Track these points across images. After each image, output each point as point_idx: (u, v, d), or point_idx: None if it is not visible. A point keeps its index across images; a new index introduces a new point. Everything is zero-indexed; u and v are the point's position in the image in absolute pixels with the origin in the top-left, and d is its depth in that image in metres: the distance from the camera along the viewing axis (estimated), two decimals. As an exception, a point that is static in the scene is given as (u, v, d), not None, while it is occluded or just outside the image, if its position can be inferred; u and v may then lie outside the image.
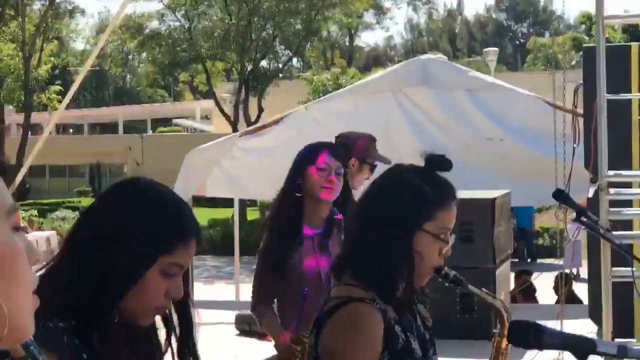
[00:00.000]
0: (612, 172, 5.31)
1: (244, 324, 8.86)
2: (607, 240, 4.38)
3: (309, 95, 32.89)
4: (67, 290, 1.91)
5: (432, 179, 2.50)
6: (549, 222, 22.72)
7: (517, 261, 19.87)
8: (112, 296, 1.94)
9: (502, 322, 2.66)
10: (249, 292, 4.36)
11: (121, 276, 1.94)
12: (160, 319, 2.11)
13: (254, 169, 10.31)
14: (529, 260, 22.80)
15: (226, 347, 8.29)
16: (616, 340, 5.26)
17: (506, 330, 2.59)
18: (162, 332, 2.13)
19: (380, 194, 2.55)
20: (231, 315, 9.17)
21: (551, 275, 12.02)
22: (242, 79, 30.75)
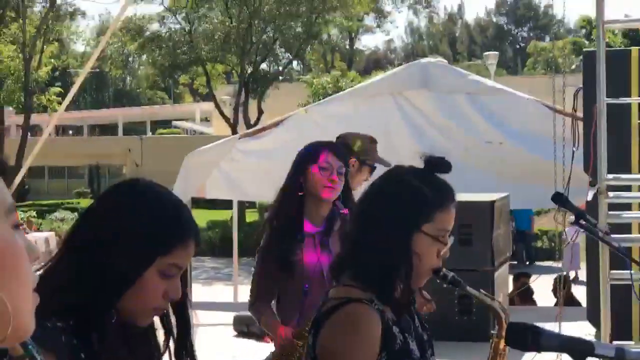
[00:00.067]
0: (611, 176, 5.32)
1: (242, 325, 8.87)
2: (606, 243, 4.38)
3: (309, 98, 32.87)
4: (66, 290, 1.91)
5: (431, 180, 2.50)
6: (547, 225, 22.70)
7: (516, 264, 19.87)
8: (111, 296, 1.94)
9: (500, 323, 2.66)
10: (248, 293, 4.35)
11: (119, 277, 1.94)
12: (159, 320, 2.11)
13: (253, 171, 10.31)
14: (528, 262, 22.81)
15: (224, 348, 8.29)
16: (614, 342, 5.27)
17: (504, 331, 2.59)
18: (161, 333, 2.13)
19: (379, 195, 2.55)
20: (229, 316, 9.17)
21: (549, 277, 12.02)
22: (242, 82, 30.76)
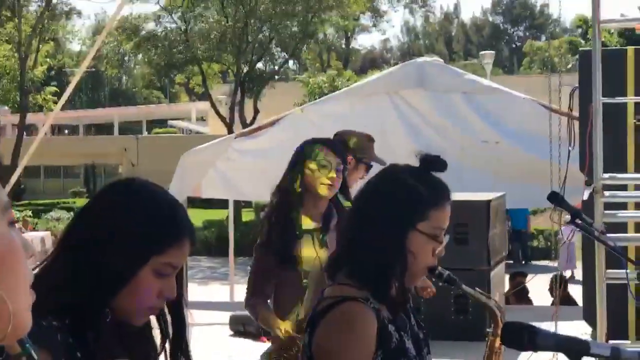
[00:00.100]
0: (607, 175, 5.32)
1: (238, 325, 8.86)
2: (602, 242, 4.39)
3: (305, 97, 32.83)
4: (61, 289, 1.90)
5: (426, 179, 2.50)
6: (543, 224, 22.74)
7: (512, 263, 19.89)
8: (105, 295, 1.94)
9: (496, 321, 2.66)
10: (244, 293, 4.34)
11: (114, 275, 1.93)
12: (155, 319, 2.11)
13: (249, 171, 10.31)
14: (524, 262, 22.82)
15: (220, 348, 8.29)
16: (610, 341, 5.28)
17: (500, 329, 2.59)
18: (158, 332, 2.13)
19: (374, 193, 2.55)
20: (225, 316, 9.17)
21: (546, 277, 12.03)
22: (238, 81, 30.72)
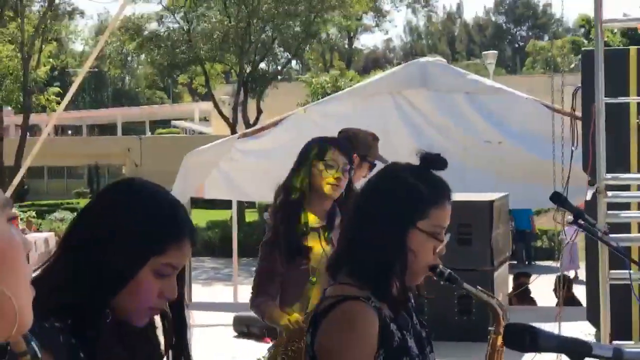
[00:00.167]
0: (610, 175, 5.32)
1: (242, 326, 8.86)
2: (605, 243, 4.38)
3: (308, 97, 32.86)
4: (63, 289, 1.90)
5: (427, 177, 2.51)
6: (547, 224, 22.71)
7: (516, 263, 19.87)
8: (106, 294, 1.94)
9: (498, 319, 2.67)
10: (247, 293, 4.32)
11: (115, 274, 1.93)
12: (160, 320, 2.11)
13: (253, 171, 10.30)
14: (527, 262, 22.80)
15: (224, 349, 8.29)
16: (614, 342, 5.28)
17: (501, 327, 2.59)
18: (161, 333, 2.13)
19: (375, 192, 2.56)
20: (229, 317, 9.16)
21: (549, 277, 12.01)
22: (241, 81, 30.74)
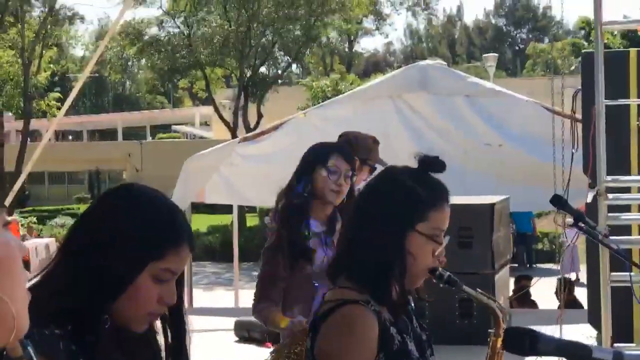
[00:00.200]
0: (610, 178, 5.32)
1: (243, 331, 8.85)
2: (605, 245, 4.38)
3: (308, 101, 32.82)
4: (63, 294, 1.90)
5: (425, 180, 2.51)
6: (548, 227, 22.71)
7: (517, 266, 19.85)
8: (106, 299, 1.94)
9: (498, 322, 2.66)
10: (248, 298, 4.32)
11: (115, 279, 1.93)
12: (161, 325, 2.10)
13: (253, 176, 10.30)
14: (528, 265, 22.77)
15: (225, 354, 8.28)
16: (615, 345, 5.27)
17: (501, 330, 2.59)
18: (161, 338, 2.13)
19: (373, 195, 2.57)
20: (230, 321, 9.16)
21: (550, 280, 12.00)
22: (242, 85, 30.76)
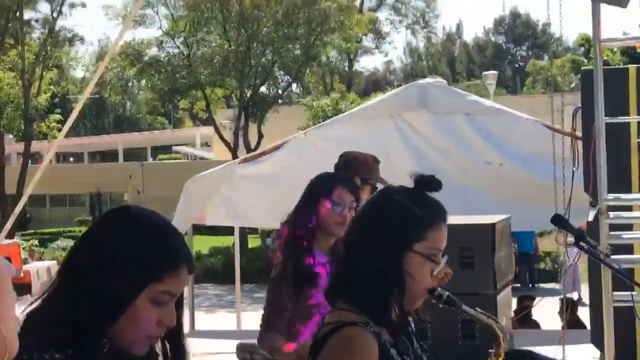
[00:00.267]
0: (611, 196, 5.29)
1: (245, 353, 8.79)
2: (607, 265, 4.35)
3: (309, 120, 32.83)
4: (64, 315, 1.90)
5: (421, 199, 2.50)
6: (550, 246, 22.65)
7: (519, 286, 19.78)
8: (105, 320, 1.93)
9: (498, 341, 2.65)
10: (251, 320, 4.33)
11: (115, 300, 1.93)
12: (161, 347, 2.09)
13: (254, 197, 10.27)
14: (531, 285, 22.65)
15: (227, 376, 8.24)
16: (618, 365, 5.23)
17: (502, 349, 2.58)
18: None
19: (370, 216, 2.56)
20: (232, 344, 9.11)
21: (553, 300, 11.96)
22: (242, 105, 30.79)
